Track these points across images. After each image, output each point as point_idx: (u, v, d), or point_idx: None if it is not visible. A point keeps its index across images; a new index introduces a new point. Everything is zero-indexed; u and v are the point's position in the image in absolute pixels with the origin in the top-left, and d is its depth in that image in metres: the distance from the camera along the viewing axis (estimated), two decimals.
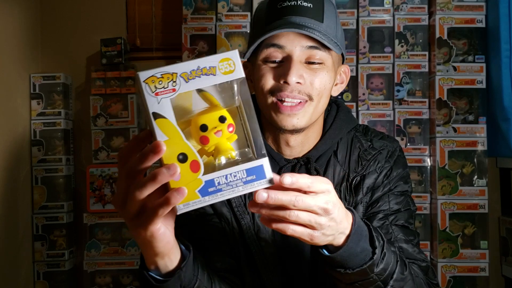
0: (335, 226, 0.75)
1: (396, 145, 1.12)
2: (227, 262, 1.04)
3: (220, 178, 0.67)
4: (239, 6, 2.16)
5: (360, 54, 2.11)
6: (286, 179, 0.69)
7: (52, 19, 2.34)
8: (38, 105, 2.21)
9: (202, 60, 0.66)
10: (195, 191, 0.66)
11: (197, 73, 0.66)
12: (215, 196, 0.67)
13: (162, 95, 0.65)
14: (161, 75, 0.65)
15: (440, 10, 2.04)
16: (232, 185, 0.67)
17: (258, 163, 0.68)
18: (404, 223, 1.05)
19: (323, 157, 1.08)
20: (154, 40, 2.36)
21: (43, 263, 2.17)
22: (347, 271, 0.80)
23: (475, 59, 2.04)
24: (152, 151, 0.63)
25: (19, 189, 2.13)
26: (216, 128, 0.68)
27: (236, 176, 0.67)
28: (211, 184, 0.66)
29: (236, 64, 0.67)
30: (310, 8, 0.99)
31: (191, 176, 0.66)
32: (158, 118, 0.65)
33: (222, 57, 0.67)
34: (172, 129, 0.65)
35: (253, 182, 0.68)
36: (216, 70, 0.66)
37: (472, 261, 1.99)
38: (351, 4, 2.12)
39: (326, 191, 0.72)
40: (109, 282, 2.17)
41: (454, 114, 2.03)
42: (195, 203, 0.66)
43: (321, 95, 1.00)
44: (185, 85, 0.65)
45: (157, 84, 0.65)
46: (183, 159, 0.65)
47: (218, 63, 0.67)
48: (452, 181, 2.01)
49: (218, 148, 0.69)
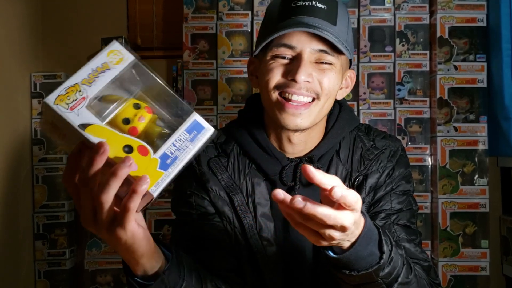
0: (346, 237, 0.73)
1: (399, 145, 1.12)
2: (228, 261, 1.04)
3: (170, 147, 0.70)
4: (240, 5, 2.15)
5: (361, 53, 2.11)
6: (337, 193, 0.65)
7: (53, 18, 2.34)
8: (39, 104, 2.21)
9: (93, 62, 0.69)
10: (156, 170, 0.69)
11: (95, 74, 0.69)
12: (175, 164, 0.70)
13: (76, 107, 0.67)
14: (65, 91, 0.67)
15: (441, 9, 2.04)
16: (183, 148, 0.71)
17: (191, 120, 0.72)
18: (406, 222, 1.05)
19: (326, 157, 1.07)
20: (155, 39, 2.36)
21: (44, 262, 2.17)
22: (352, 273, 0.79)
23: (476, 58, 2.04)
24: (97, 152, 0.64)
25: (20, 188, 2.13)
26: (136, 115, 0.71)
27: (181, 139, 0.71)
28: (165, 156, 0.70)
29: (122, 52, 0.71)
30: (324, 9, 0.97)
31: (145, 160, 0.68)
32: (86, 127, 0.67)
33: (107, 51, 0.70)
34: (104, 130, 0.67)
35: (198, 136, 0.72)
36: (108, 64, 0.69)
37: (473, 260, 1.99)
38: (352, 3, 2.11)
39: (354, 209, 0.69)
40: (110, 281, 2.16)
41: (455, 113, 2.03)
42: (163, 179, 0.69)
43: (328, 96, 1.00)
44: (90, 89, 0.68)
45: (67, 100, 0.67)
46: (129, 150, 0.68)
47: (107, 58, 0.70)
48: (453, 180, 2.01)
49: (148, 132, 0.72)
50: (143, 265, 0.78)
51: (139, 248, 0.74)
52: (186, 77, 2.14)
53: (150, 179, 0.67)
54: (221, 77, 2.13)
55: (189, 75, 2.14)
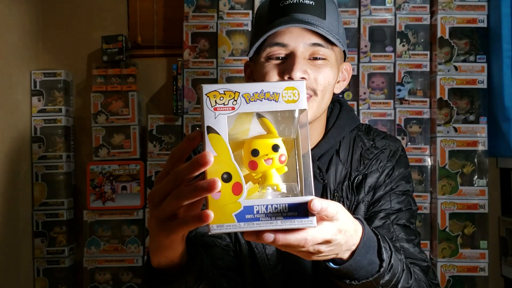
0: (337, 248, 0.72)
1: (399, 145, 1.12)
2: (229, 260, 1.03)
3: (260, 207, 0.64)
4: (240, 4, 2.16)
5: (362, 53, 2.11)
6: (316, 205, 0.64)
7: (53, 16, 2.34)
8: (38, 101, 2.21)
9: (267, 85, 0.66)
10: (231, 214, 0.63)
11: (259, 96, 0.65)
12: (251, 224, 0.64)
13: (220, 111, 0.65)
14: (223, 91, 0.65)
15: (441, 9, 2.04)
16: (271, 217, 0.64)
17: (302, 200, 0.65)
18: (406, 222, 1.05)
19: (326, 156, 1.08)
20: (155, 38, 2.35)
21: (43, 260, 2.17)
22: (353, 282, 0.78)
23: (477, 59, 2.04)
24: (199, 161, 0.62)
25: (20, 185, 2.13)
26: (268, 155, 0.66)
27: (277, 208, 0.64)
28: (249, 210, 0.64)
29: (300, 95, 0.66)
30: (312, 5, 1.00)
31: (231, 197, 0.64)
32: (211, 132, 0.64)
33: (287, 85, 0.66)
34: (222, 146, 0.64)
35: (294, 219, 0.64)
36: (279, 97, 0.66)
37: (472, 261, 1.99)
38: (353, 3, 2.12)
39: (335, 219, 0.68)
40: (109, 279, 2.17)
41: (455, 114, 2.03)
42: (229, 227, 0.64)
43: (325, 91, 1.01)
44: (245, 105, 0.65)
45: (218, 100, 0.65)
46: (227, 179, 0.64)
47: (283, 91, 0.66)
48: (452, 181, 2.01)
49: (265, 177, 0.68)
50: (159, 263, 0.77)
51: (167, 252, 0.74)
52: (186, 76, 2.14)
53: (219, 218, 0.63)
54: (221, 76, 2.13)
55: (189, 74, 2.14)
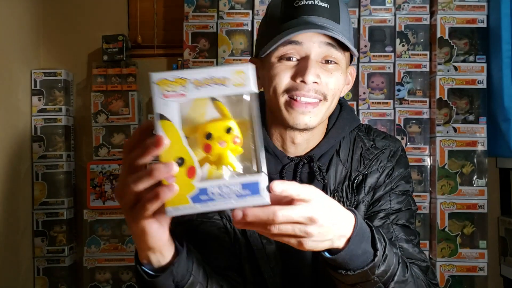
0: (326, 231, 0.73)
1: (399, 145, 1.12)
2: (228, 259, 1.04)
3: (214, 188, 0.66)
4: (240, 4, 2.16)
5: (361, 53, 2.11)
6: (277, 187, 0.66)
7: (54, 15, 2.34)
8: (39, 101, 2.21)
9: (216, 70, 0.66)
10: (186, 196, 0.65)
11: (208, 82, 0.66)
12: (206, 204, 0.66)
13: (170, 98, 0.65)
14: (173, 79, 0.66)
15: (441, 9, 2.05)
16: (225, 197, 0.66)
17: (254, 179, 0.67)
18: (405, 222, 1.05)
19: (326, 156, 1.08)
20: (155, 37, 2.36)
21: (43, 259, 2.18)
22: (348, 272, 0.80)
23: (476, 59, 2.04)
24: (153, 144, 0.64)
25: (20, 185, 2.13)
26: (221, 138, 0.68)
27: (230, 188, 0.66)
28: (204, 192, 0.66)
29: (249, 78, 0.67)
30: (327, 8, 0.98)
31: (185, 180, 0.65)
32: (163, 119, 0.65)
33: (235, 69, 0.67)
34: (174, 133, 0.65)
35: (246, 197, 0.66)
36: (227, 81, 0.66)
37: (471, 260, 2.00)
38: (353, 3, 2.12)
39: (310, 199, 0.70)
40: (109, 278, 2.17)
41: (454, 114, 2.04)
42: (185, 208, 0.66)
43: (334, 96, 1.00)
44: (194, 91, 0.66)
45: (168, 87, 0.65)
46: (180, 163, 0.65)
47: (231, 75, 0.66)
48: (452, 180, 2.02)
49: (220, 158, 0.69)
50: (147, 257, 0.79)
51: (146, 242, 0.75)
52: None
53: (174, 200, 0.65)
54: None
55: None
